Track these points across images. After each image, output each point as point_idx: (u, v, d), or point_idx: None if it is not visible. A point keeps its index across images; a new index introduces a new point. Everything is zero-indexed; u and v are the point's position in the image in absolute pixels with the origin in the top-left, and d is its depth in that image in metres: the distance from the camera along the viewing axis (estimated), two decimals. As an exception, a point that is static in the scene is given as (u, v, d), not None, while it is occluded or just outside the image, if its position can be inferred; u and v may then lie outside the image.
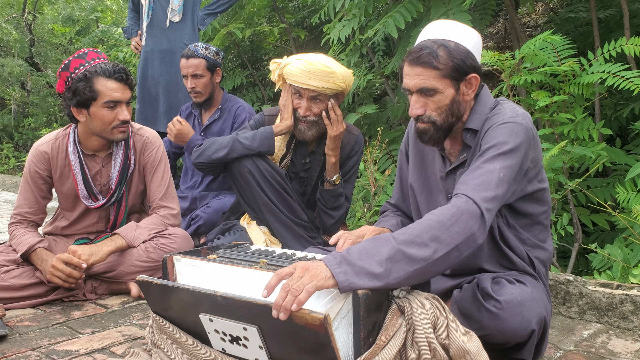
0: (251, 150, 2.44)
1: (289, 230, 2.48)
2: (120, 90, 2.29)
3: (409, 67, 1.63)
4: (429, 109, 1.64)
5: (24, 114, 8.98)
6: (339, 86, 2.40)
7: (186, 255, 1.68)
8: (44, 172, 2.41)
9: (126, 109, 2.34)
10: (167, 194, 2.50)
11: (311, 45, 5.66)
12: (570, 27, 4.01)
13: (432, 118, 1.64)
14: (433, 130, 1.66)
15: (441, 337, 1.41)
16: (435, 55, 1.58)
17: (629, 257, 2.32)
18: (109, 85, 2.27)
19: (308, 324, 1.26)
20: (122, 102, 2.31)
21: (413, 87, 1.63)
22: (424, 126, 1.67)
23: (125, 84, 2.31)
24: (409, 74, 1.63)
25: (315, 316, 1.24)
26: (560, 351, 1.77)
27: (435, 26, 1.67)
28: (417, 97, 1.64)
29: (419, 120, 1.67)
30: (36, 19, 9.23)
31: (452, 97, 1.63)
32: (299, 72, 2.36)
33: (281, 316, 1.25)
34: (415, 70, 1.61)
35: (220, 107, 3.35)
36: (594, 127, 2.68)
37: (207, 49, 3.27)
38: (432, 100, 1.63)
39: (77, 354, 1.80)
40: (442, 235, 1.39)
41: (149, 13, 3.89)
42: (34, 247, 2.30)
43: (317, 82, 2.35)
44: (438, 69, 1.59)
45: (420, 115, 1.65)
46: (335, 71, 2.37)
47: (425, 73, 1.60)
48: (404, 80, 1.66)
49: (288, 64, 2.41)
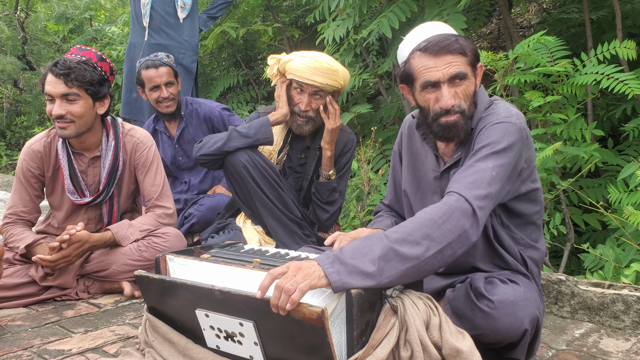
0: (249, 138, 2.45)
1: (283, 226, 2.48)
2: (52, 84, 2.23)
3: (434, 59, 1.59)
4: (457, 97, 1.62)
5: (16, 112, 8.93)
6: (339, 84, 2.48)
7: (179, 254, 1.68)
8: (36, 170, 2.40)
9: (60, 104, 2.24)
10: (162, 193, 2.49)
11: (305, 45, 5.66)
12: (563, 28, 4.03)
13: (462, 107, 1.62)
14: (463, 120, 1.63)
15: (434, 337, 1.41)
16: (460, 43, 1.59)
17: (621, 257, 2.33)
18: (47, 79, 2.25)
19: (305, 318, 1.27)
20: (55, 97, 2.24)
21: (444, 77, 1.59)
22: (454, 118, 1.62)
23: (59, 77, 2.22)
24: (435, 66, 1.59)
25: (313, 310, 1.25)
26: (553, 350, 1.78)
27: (425, 28, 1.67)
28: (448, 87, 1.60)
29: (449, 112, 1.61)
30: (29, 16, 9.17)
31: (475, 84, 1.65)
32: (305, 68, 2.42)
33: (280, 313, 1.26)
34: (445, 59, 1.58)
35: (182, 114, 3.26)
36: (586, 128, 2.69)
37: (168, 57, 3.19)
38: (461, 88, 1.61)
39: (69, 354, 1.79)
40: (434, 233, 1.39)
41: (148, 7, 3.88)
42: (38, 240, 2.31)
43: (321, 78, 2.42)
44: (466, 54, 1.60)
45: (452, 106, 1.61)
46: (338, 69, 2.46)
47: (457, 60, 1.59)
48: (428, 75, 1.60)
49: (290, 60, 2.47)
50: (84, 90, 2.27)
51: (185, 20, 3.96)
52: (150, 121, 3.34)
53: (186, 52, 3.99)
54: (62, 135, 2.30)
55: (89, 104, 2.31)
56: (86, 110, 2.30)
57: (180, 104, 3.24)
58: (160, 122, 3.30)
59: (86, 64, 2.28)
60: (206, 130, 3.26)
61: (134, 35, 4.04)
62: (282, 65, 2.50)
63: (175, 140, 3.27)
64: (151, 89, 3.14)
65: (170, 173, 3.37)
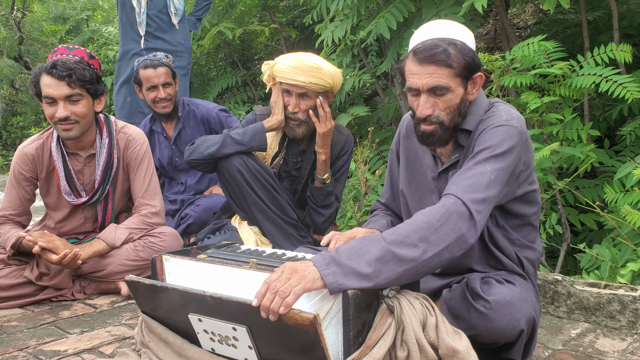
0: (243, 145, 2.43)
1: (279, 229, 2.48)
2: (53, 86, 2.21)
3: (418, 66, 1.57)
4: (437, 108, 1.59)
5: (12, 112, 8.90)
6: (326, 82, 2.42)
7: (175, 254, 1.67)
8: (28, 173, 2.40)
9: (64, 106, 2.23)
10: (148, 190, 2.48)
11: (302, 45, 5.65)
12: (560, 28, 4.04)
13: (440, 118, 1.60)
14: (441, 131, 1.61)
15: (430, 337, 1.41)
16: (448, 54, 1.54)
17: (617, 257, 2.34)
18: (45, 81, 2.22)
19: (298, 324, 1.26)
20: (58, 99, 2.22)
21: (424, 87, 1.57)
22: (431, 128, 1.61)
23: (62, 79, 2.20)
24: (418, 73, 1.57)
25: (304, 316, 1.24)
26: (549, 350, 1.78)
27: (433, 26, 1.63)
28: (427, 97, 1.59)
29: (426, 121, 1.61)
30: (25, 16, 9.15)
31: (462, 97, 1.60)
32: (286, 68, 2.39)
33: (270, 317, 1.25)
34: (428, 69, 1.56)
35: (180, 114, 3.25)
36: (582, 128, 2.70)
37: (167, 57, 3.18)
38: (442, 99, 1.58)
39: (65, 354, 1.79)
40: (431, 236, 1.39)
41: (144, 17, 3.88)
42: (22, 237, 2.28)
43: (304, 77, 2.38)
44: (452, 67, 1.55)
45: (428, 116, 1.60)
46: (323, 67, 2.40)
47: (439, 71, 1.55)
48: (411, 80, 1.60)
49: (277, 62, 2.45)
50: (86, 90, 2.27)
51: (179, 24, 3.98)
52: (147, 121, 3.32)
53: (182, 55, 4.00)
54: (67, 136, 2.29)
55: (90, 103, 2.31)
56: (89, 109, 2.31)
57: (177, 104, 3.23)
58: (157, 122, 3.28)
59: (82, 63, 2.27)
60: (203, 132, 3.25)
61: (127, 42, 4.01)
62: (271, 69, 2.48)
63: (172, 141, 3.26)
64: (148, 88, 3.12)
65: (167, 174, 3.36)
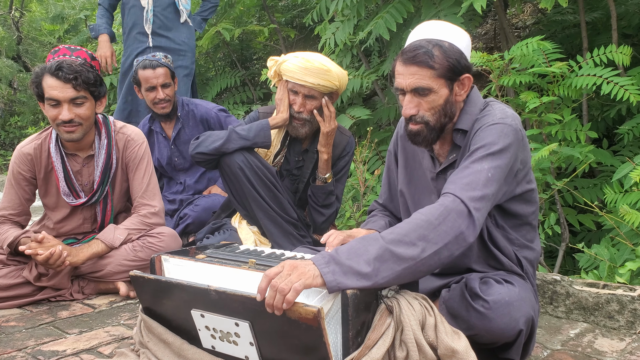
0: (247, 141, 2.44)
1: (278, 227, 2.48)
2: (58, 89, 2.20)
3: (403, 67, 1.61)
4: (422, 109, 1.62)
5: (10, 112, 8.89)
6: (333, 84, 2.44)
7: (174, 255, 1.67)
8: (27, 173, 2.39)
9: (69, 109, 2.22)
10: (147, 191, 2.47)
11: (301, 45, 5.65)
12: (558, 29, 4.04)
13: (425, 118, 1.62)
14: (426, 131, 1.64)
15: (429, 337, 1.42)
16: (430, 55, 1.57)
17: (616, 257, 2.34)
18: (48, 82, 2.21)
19: (301, 318, 1.27)
20: (63, 102, 2.22)
21: (407, 87, 1.61)
22: (416, 127, 1.64)
23: (67, 82, 2.19)
24: (403, 74, 1.61)
25: (308, 309, 1.25)
26: (548, 350, 1.79)
27: (426, 26, 1.65)
28: (411, 97, 1.62)
29: (412, 120, 1.64)
30: (23, 16, 9.14)
31: (446, 98, 1.62)
32: (296, 68, 2.40)
33: (276, 312, 1.26)
34: (410, 70, 1.59)
35: (179, 114, 3.24)
36: (581, 129, 2.70)
37: (167, 57, 3.17)
38: (426, 100, 1.61)
39: (64, 355, 1.78)
40: (430, 235, 1.39)
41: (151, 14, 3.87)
42: (20, 236, 2.29)
43: (313, 79, 2.39)
44: (434, 68, 1.57)
45: (413, 116, 1.63)
46: (331, 69, 2.41)
47: (420, 72, 1.58)
48: (397, 80, 1.63)
49: (285, 60, 2.45)
50: (90, 92, 2.27)
51: (184, 22, 3.98)
52: (146, 121, 3.32)
53: (186, 54, 3.99)
54: (70, 138, 2.29)
55: (93, 105, 2.32)
56: (92, 111, 2.31)
57: (177, 104, 3.22)
58: (155, 122, 3.28)
59: (85, 65, 2.27)
60: (202, 131, 3.23)
61: (133, 44, 3.99)
62: (278, 66, 2.49)
63: (171, 141, 3.26)
64: (147, 89, 3.11)
65: (166, 174, 3.36)
